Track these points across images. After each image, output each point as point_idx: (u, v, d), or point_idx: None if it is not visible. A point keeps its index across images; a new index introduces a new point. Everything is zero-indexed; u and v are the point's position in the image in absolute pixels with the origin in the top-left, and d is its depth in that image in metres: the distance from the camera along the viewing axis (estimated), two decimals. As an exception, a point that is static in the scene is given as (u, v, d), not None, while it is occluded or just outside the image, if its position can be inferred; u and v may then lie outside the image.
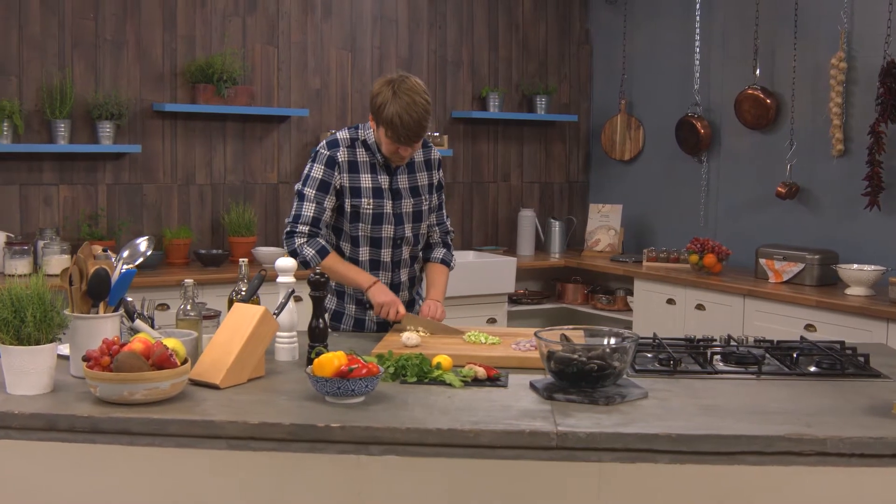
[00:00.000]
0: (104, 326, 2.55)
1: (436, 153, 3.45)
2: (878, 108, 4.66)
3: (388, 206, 3.30)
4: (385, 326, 3.31)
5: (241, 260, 2.88)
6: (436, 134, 5.98)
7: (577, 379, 2.42)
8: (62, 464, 2.26)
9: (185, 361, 2.39)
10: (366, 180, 3.27)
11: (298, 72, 5.63)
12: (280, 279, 2.79)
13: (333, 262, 3.25)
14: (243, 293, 2.75)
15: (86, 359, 2.36)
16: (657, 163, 6.17)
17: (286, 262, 2.80)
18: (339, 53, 5.76)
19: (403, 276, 3.39)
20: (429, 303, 3.33)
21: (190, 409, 2.27)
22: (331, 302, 3.42)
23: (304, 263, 3.20)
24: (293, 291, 2.73)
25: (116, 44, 5.09)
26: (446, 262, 3.50)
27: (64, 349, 2.66)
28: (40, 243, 4.70)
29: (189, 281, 2.77)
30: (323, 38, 5.70)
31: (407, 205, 3.34)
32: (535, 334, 2.51)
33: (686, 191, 5.94)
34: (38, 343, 2.37)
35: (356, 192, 3.26)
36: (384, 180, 3.30)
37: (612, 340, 2.56)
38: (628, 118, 6.31)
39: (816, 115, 5.11)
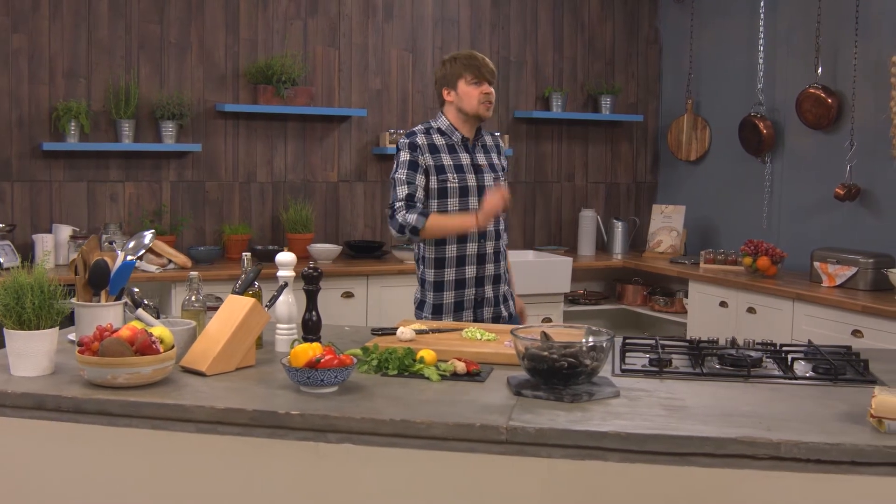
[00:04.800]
0: (105, 314, 2.70)
1: (501, 140, 3.93)
2: (940, 108, 4.50)
3: (471, 180, 3.63)
4: (458, 313, 3.66)
5: (243, 254, 3.00)
6: (496, 133, 6.00)
7: (548, 376, 2.44)
8: (49, 441, 2.41)
9: (170, 349, 2.51)
10: (447, 158, 3.62)
11: (359, 72, 5.76)
12: (278, 273, 2.89)
13: (437, 217, 3.54)
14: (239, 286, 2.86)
15: (79, 343, 2.51)
16: (723, 163, 6.07)
17: (285, 257, 2.90)
18: (401, 54, 5.86)
19: (489, 248, 3.67)
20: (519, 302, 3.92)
21: (168, 393, 2.39)
22: (418, 292, 3.73)
23: (412, 230, 3.50)
24: (286, 285, 2.83)
25: (181, 46, 5.31)
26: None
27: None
28: (103, 237, 4.94)
29: (194, 274, 2.91)
30: (384, 40, 5.81)
31: (488, 178, 3.67)
32: (512, 332, 2.54)
33: (750, 192, 5.82)
34: (37, 328, 2.53)
35: (440, 169, 3.59)
36: (465, 157, 3.65)
37: (591, 339, 2.57)
38: (695, 118, 6.22)
39: (878, 115, 4.94)
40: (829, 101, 5.17)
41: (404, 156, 3.59)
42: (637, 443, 2.13)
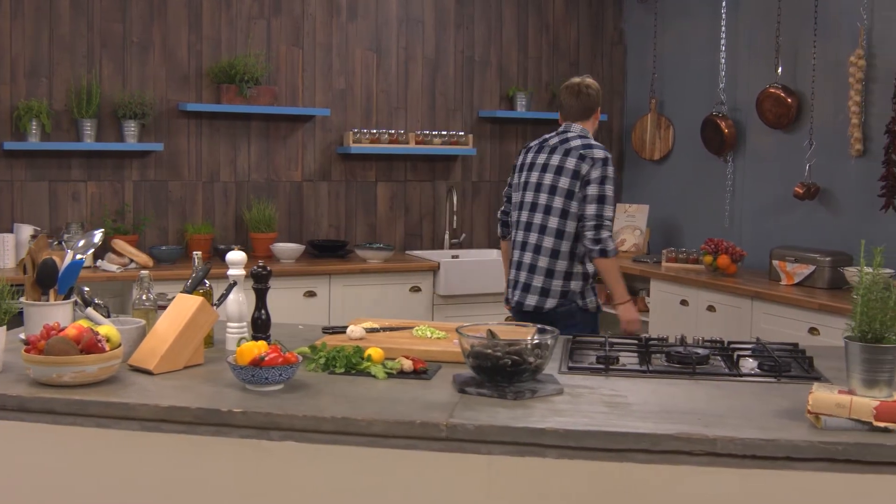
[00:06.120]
0: (55, 313, 2.69)
1: None
2: (895, 107, 4.55)
3: None
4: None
5: (194, 253, 3.01)
6: (461, 133, 6.04)
7: (492, 373, 2.46)
8: (-7, 440, 2.41)
9: (117, 347, 2.51)
10: None
11: (323, 72, 5.76)
12: (228, 272, 2.89)
13: (616, 263, 3.90)
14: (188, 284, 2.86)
15: (26, 342, 2.51)
16: (685, 162, 6.12)
17: (236, 256, 2.91)
18: (365, 54, 5.87)
19: None
20: None
21: (114, 391, 2.39)
22: (580, 286, 3.96)
23: (601, 252, 3.81)
24: (235, 283, 2.84)
25: (143, 45, 5.30)
26: None
27: (24, 335, 2.81)
28: (65, 237, 4.92)
29: (145, 272, 2.91)
30: (348, 39, 5.82)
31: None
32: (457, 330, 2.55)
33: (712, 191, 5.87)
34: (-17, 327, 2.53)
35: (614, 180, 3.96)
36: None
37: (536, 337, 2.59)
38: (658, 118, 6.27)
39: (837, 115, 5.00)
40: (789, 100, 5.22)
41: (611, 170, 3.86)
42: (575, 439, 2.16)
